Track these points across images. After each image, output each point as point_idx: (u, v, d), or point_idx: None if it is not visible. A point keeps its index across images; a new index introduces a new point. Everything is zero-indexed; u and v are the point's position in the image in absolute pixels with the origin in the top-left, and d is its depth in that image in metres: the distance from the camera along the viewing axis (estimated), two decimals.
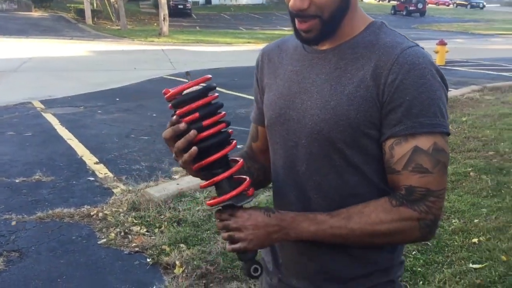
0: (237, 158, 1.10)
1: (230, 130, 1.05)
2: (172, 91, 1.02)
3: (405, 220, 1.00)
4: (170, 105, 1.04)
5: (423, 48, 1.03)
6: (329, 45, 1.08)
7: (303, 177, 1.10)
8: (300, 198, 1.11)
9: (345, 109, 1.01)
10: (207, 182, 1.05)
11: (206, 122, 1.00)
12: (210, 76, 1.04)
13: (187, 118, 1.00)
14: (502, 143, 5.64)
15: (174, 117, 1.01)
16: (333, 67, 1.05)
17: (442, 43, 12.20)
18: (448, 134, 1.01)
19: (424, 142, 0.97)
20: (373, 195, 1.05)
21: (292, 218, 1.04)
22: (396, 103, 0.98)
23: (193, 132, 0.98)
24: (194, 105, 0.99)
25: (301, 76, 1.11)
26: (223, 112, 1.05)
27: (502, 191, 4.25)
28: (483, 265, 3.04)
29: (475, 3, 54.58)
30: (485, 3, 55.78)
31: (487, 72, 12.28)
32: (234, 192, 1.02)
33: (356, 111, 1.00)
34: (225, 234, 1.04)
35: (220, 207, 1.04)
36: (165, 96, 1.03)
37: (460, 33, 28.23)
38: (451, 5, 57.65)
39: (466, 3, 55.54)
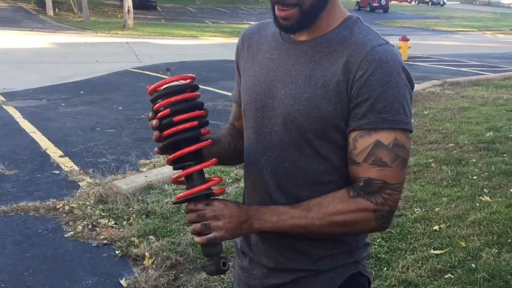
0: (212, 159, 1.13)
1: (207, 129, 1.09)
2: (152, 86, 1.07)
3: (362, 211, 1.05)
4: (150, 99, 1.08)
5: (393, 46, 1.08)
6: (306, 37, 1.11)
7: (274, 162, 1.14)
8: (270, 183, 1.15)
9: (317, 101, 1.06)
10: (177, 175, 1.09)
11: (176, 118, 1.03)
12: (193, 75, 1.10)
13: (159, 114, 1.05)
14: (462, 136, 5.85)
15: (150, 113, 1.06)
16: (308, 60, 1.09)
17: (405, 39, 12.47)
18: (410, 131, 1.05)
19: (385, 137, 1.02)
20: (340, 182, 1.10)
21: (256, 209, 1.09)
22: (362, 98, 1.02)
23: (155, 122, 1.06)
24: (165, 101, 1.04)
25: (277, 64, 1.14)
26: (201, 111, 1.08)
27: (462, 181, 4.42)
28: (443, 251, 3.17)
29: (436, 1, 55.91)
30: (445, 1, 57.24)
31: (447, 67, 12.66)
32: (205, 186, 1.05)
33: (327, 104, 1.05)
34: (198, 225, 1.03)
35: (192, 197, 1.06)
36: (148, 91, 1.08)
37: (422, 29, 28.90)
38: (413, 2, 58.89)
39: (428, 0, 56.86)
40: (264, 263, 1.20)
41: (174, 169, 1.11)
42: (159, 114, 1.04)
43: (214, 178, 1.10)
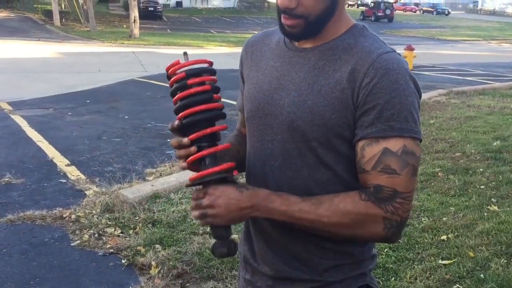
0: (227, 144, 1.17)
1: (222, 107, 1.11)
2: (174, 67, 1.09)
3: (370, 216, 1.02)
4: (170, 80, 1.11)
5: (399, 54, 1.07)
6: (310, 44, 1.11)
7: (277, 171, 1.13)
8: (274, 190, 1.13)
9: (321, 109, 1.04)
10: (191, 157, 1.08)
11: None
12: (211, 61, 1.11)
13: (182, 93, 1.07)
14: (468, 145, 5.83)
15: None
16: (312, 67, 1.08)
17: (410, 49, 12.48)
18: (419, 139, 1.03)
19: (394, 145, 1.00)
20: (344, 192, 1.08)
21: (265, 195, 1.07)
22: (369, 106, 1.01)
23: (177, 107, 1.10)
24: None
25: (280, 72, 1.13)
26: (218, 95, 1.10)
27: (469, 190, 4.40)
28: (451, 261, 3.15)
29: (440, 10, 56.09)
30: (450, 10, 57.34)
31: (453, 76, 12.65)
32: (217, 168, 1.06)
33: (331, 112, 1.04)
34: (197, 212, 1.06)
35: (206, 180, 1.07)
36: (168, 71, 1.10)
37: (427, 38, 28.96)
38: (418, 12, 59.04)
39: (432, 9, 57.01)
40: (268, 273, 1.18)
41: (191, 168, 1.12)
42: (179, 94, 1.07)
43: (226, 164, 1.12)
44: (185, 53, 1.11)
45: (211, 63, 1.10)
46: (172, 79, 1.08)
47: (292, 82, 1.10)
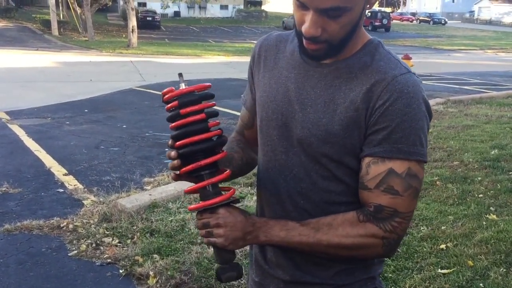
0: (225, 169, 1.12)
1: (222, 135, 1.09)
2: (168, 94, 1.05)
3: (370, 236, 1.05)
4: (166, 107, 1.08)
5: (415, 75, 1.07)
6: (327, 60, 1.11)
7: (291, 182, 1.14)
8: (287, 203, 1.15)
9: (335, 128, 1.06)
10: (192, 187, 1.08)
11: (183, 111, 1.03)
12: (209, 84, 1.09)
13: (173, 124, 1.05)
14: (466, 153, 5.84)
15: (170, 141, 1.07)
16: (328, 84, 1.09)
17: (407, 58, 12.52)
18: (425, 162, 1.06)
19: (399, 166, 1.02)
20: (357, 203, 1.09)
21: (265, 222, 1.09)
22: (380, 126, 1.02)
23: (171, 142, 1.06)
24: (182, 111, 1.04)
25: (295, 84, 1.13)
26: (215, 121, 1.08)
27: (467, 199, 4.40)
28: (451, 270, 3.14)
29: (437, 20, 56.36)
30: (446, 20, 57.69)
31: (450, 85, 12.69)
32: (218, 199, 1.05)
33: (345, 131, 1.05)
34: (203, 231, 1.07)
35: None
36: (163, 98, 1.07)
37: (424, 48, 29.09)
38: (415, 21, 59.37)
39: (429, 19, 57.30)
40: (280, 276, 1.19)
41: (190, 179, 1.11)
42: (173, 124, 1.04)
43: (227, 187, 1.11)
44: (180, 74, 1.08)
45: (208, 87, 1.08)
46: (166, 106, 1.06)
47: (308, 97, 1.10)
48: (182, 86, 1.04)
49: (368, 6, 1.04)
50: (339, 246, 1.06)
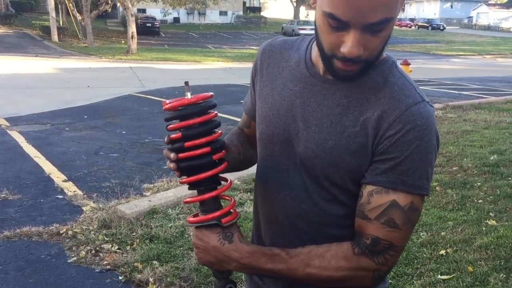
0: (227, 178, 1.10)
1: (221, 152, 1.05)
2: (168, 105, 1.01)
3: (362, 270, 1.01)
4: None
5: (429, 103, 1.01)
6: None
7: (291, 202, 1.09)
8: (285, 223, 1.11)
9: (341, 152, 1.00)
10: (190, 199, 1.06)
11: (187, 144, 1.00)
12: (211, 94, 1.04)
13: (171, 136, 1.02)
14: (465, 159, 5.84)
15: (166, 137, 1.03)
16: (336, 103, 1.02)
17: (406, 63, 12.51)
18: (427, 195, 1.02)
19: (403, 199, 0.98)
20: (335, 243, 1.04)
21: (249, 253, 1.02)
22: (388, 156, 0.97)
23: (173, 155, 1.01)
24: (177, 125, 1.01)
25: (300, 99, 1.06)
26: (216, 134, 1.04)
27: (467, 204, 4.39)
28: (451, 276, 3.13)
29: (435, 25, 56.51)
30: (445, 25, 57.85)
31: (449, 91, 12.72)
32: (217, 213, 1.03)
33: (351, 156, 1.00)
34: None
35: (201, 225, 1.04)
36: (163, 108, 1.04)
37: (422, 53, 29.14)
38: (413, 27, 59.55)
39: (427, 25, 57.46)
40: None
41: (189, 189, 1.07)
42: (171, 136, 1.02)
43: (227, 197, 1.09)
44: (186, 83, 1.04)
45: (211, 97, 1.04)
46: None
47: (313, 115, 1.03)
48: (188, 95, 1.01)
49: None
50: (328, 280, 1.01)
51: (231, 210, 1.06)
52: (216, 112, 1.05)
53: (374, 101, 1.00)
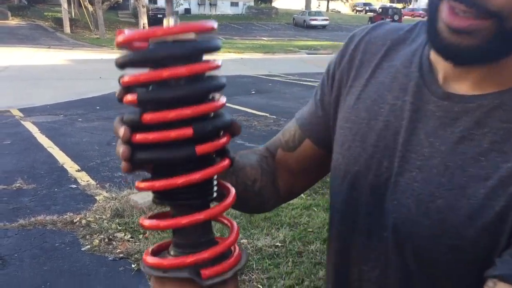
0: (228, 186, 0.59)
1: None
2: (125, 36, 0.52)
3: None
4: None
5: None
6: (466, 88, 0.63)
7: (375, 279, 0.71)
8: None
9: (462, 220, 0.59)
10: (154, 222, 0.55)
11: (151, 117, 0.50)
12: (212, 24, 0.55)
13: (124, 99, 0.53)
14: None
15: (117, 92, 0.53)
16: (458, 133, 0.62)
17: None
18: None
19: None
20: None
21: None
22: None
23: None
24: (137, 78, 0.51)
25: (401, 119, 0.67)
26: (221, 101, 0.56)
27: None
28: None
29: None
30: None
31: None
32: (201, 256, 0.51)
33: (480, 230, 0.58)
34: None
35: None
36: (115, 42, 0.52)
37: None
38: (426, 17, 58.82)
39: None
40: None
41: (155, 202, 0.56)
42: (127, 99, 0.53)
43: (224, 220, 0.59)
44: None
45: (210, 29, 0.55)
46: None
47: (418, 151, 0.64)
48: (169, 22, 0.50)
49: None
50: None
51: (232, 248, 0.55)
52: (219, 63, 0.58)
53: None
